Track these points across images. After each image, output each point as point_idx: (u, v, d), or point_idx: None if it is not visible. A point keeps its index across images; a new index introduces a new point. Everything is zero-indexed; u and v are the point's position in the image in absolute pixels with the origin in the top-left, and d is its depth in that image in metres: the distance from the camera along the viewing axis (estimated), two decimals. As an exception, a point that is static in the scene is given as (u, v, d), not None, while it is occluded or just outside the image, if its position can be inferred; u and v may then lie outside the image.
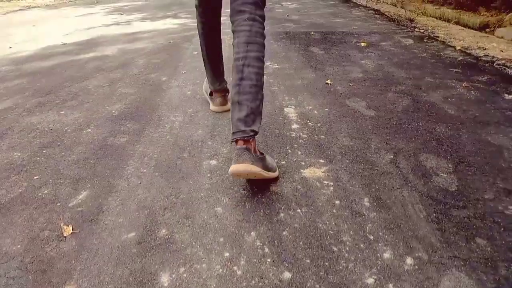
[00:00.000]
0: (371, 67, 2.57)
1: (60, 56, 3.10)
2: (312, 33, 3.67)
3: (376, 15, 4.75)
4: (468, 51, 2.96)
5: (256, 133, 1.22)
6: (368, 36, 3.52)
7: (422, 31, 3.86)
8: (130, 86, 2.32)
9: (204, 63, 1.84)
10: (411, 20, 4.66)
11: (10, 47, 3.52)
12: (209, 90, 1.91)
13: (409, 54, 2.87)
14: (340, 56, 2.86)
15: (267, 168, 1.24)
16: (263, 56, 1.29)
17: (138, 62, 2.85)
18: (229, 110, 1.84)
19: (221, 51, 1.81)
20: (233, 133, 1.21)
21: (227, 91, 1.89)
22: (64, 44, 3.54)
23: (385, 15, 4.83)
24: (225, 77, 1.88)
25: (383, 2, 6.57)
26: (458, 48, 3.05)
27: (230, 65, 1.34)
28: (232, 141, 1.22)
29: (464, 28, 4.10)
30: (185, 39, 3.56)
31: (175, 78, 2.45)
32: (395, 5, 6.16)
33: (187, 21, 4.50)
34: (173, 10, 5.39)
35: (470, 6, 4.68)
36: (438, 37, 3.70)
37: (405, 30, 3.77)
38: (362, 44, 3.20)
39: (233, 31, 1.33)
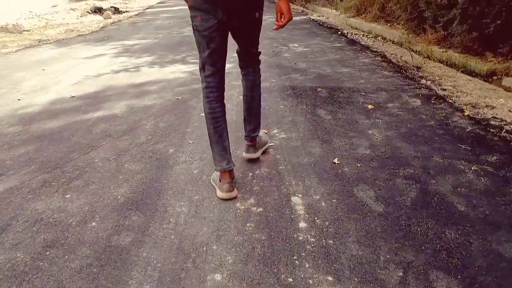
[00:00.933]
0: (378, 139, 2.56)
1: (68, 114, 3.12)
2: (319, 89, 3.68)
3: (383, 63, 4.77)
4: (476, 116, 2.94)
5: (257, 135, 2.25)
6: (375, 94, 3.52)
7: (429, 83, 3.88)
8: (137, 160, 2.32)
9: (210, 140, 1.93)
10: (418, 68, 4.68)
11: (19, 99, 3.55)
12: (217, 177, 1.96)
13: (417, 122, 2.86)
14: (347, 123, 2.85)
15: (261, 145, 2.34)
16: (260, 89, 2.19)
17: (145, 125, 2.85)
18: (236, 197, 1.90)
19: (226, 126, 1.96)
20: (245, 136, 2.24)
21: (233, 176, 1.94)
22: (73, 97, 3.57)
23: (392, 62, 4.85)
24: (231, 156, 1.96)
25: (389, 40, 6.61)
26: (466, 113, 3.04)
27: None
28: (245, 139, 2.25)
29: (471, 78, 4.10)
30: (192, 94, 3.58)
31: (182, 150, 2.45)
32: (401, 44, 6.20)
33: (195, 68, 4.53)
34: (181, 53, 5.44)
35: (477, 50, 4.70)
36: (445, 90, 3.71)
37: (412, 86, 3.77)
38: (369, 106, 3.20)
39: (242, 75, 2.16)
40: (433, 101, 3.34)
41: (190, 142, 2.57)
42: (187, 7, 1.82)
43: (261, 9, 1.90)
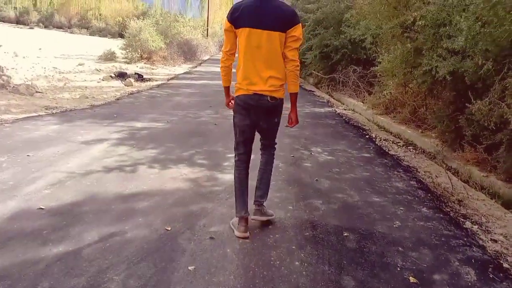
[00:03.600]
0: None
1: (21, 244, 2.43)
2: (346, 233, 2.94)
3: (419, 191, 4.05)
4: None
5: (264, 201, 2.92)
6: (416, 252, 2.75)
7: (475, 228, 3.18)
8: None
9: (235, 195, 2.80)
10: (460, 202, 3.95)
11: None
12: (236, 222, 2.77)
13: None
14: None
15: (265, 214, 2.90)
16: (272, 165, 2.96)
17: (109, 285, 2.11)
18: (248, 238, 2.69)
19: (248, 187, 2.82)
20: (254, 201, 2.87)
21: (248, 222, 2.75)
22: (41, 209, 2.91)
23: (429, 189, 4.13)
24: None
25: (420, 150, 5.98)
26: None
27: None
28: (254, 203, 2.86)
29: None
30: (187, 224, 2.88)
31: None
32: (434, 157, 5.56)
33: (200, 175, 3.89)
34: (191, 147, 4.85)
35: (525, 182, 3.98)
36: (496, 241, 2.96)
37: (460, 239, 2.99)
38: (411, 279, 2.42)
39: (261, 154, 2.93)
40: (491, 275, 2.55)
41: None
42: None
43: (280, 115, 2.79)
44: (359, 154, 5.35)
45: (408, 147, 6.17)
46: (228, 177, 3.86)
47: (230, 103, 2.92)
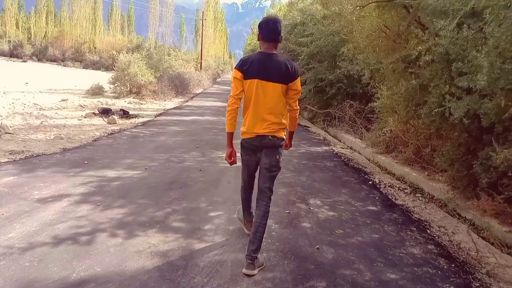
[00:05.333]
0: None
1: None
2: None
3: (439, 258, 3.34)
4: None
5: (257, 256, 2.87)
6: None
7: None
8: None
9: (242, 209, 3.41)
10: (489, 274, 3.25)
11: None
12: (243, 219, 3.45)
13: None
14: None
15: (258, 266, 2.87)
16: (266, 219, 3.01)
17: None
18: None
19: (251, 203, 3.33)
20: (247, 255, 2.85)
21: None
22: None
23: (451, 254, 3.43)
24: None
25: (429, 196, 5.32)
26: None
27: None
28: (247, 258, 2.83)
29: None
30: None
31: None
32: (445, 204, 4.91)
33: (173, 246, 3.13)
34: (168, 204, 4.07)
35: None
36: None
37: None
38: None
39: (257, 206, 3.02)
40: None
41: None
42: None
43: (281, 154, 3.07)
44: (364, 207, 4.64)
45: (416, 195, 5.50)
46: (209, 248, 3.13)
47: (231, 158, 3.12)
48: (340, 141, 9.59)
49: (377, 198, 5.08)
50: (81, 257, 2.86)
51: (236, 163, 3.15)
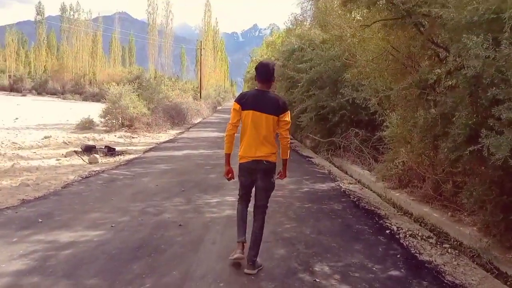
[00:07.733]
0: None
1: None
2: None
3: None
4: None
5: (256, 259, 3.42)
6: None
7: None
8: None
9: (237, 225, 3.60)
10: None
11: None
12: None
13: None
14: None
15: (257, 267, 3.40)
16: (263, 230, 3.55)
17: None
18: (243, 258, 3.45)
19: (246, 220, 3.63)
20: (248, 259, 3.38)
21: (244, 247, 3.46)
22: None
23: None
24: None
25: (456, 243, 4.33)
26: None
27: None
28: (248, 262, 3.38)
29: None
30: None
31: None
32: (477, 255, 3.94)
33: None
34: (127, 286, 3.12)
35: None
36: None
37: None
38: None
39: (254, 219, 3.55)
40: None
41: None
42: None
43: (274, 176, 3.59)
44: (384, 271, 3.64)
45: (444, 245, 4.50)
46: None
47: (229, 175, 3.68)
48: (346, 173, 8.63)
49: (398, 256, 4.08)
50: None
51: (234, 179, 3.71)
